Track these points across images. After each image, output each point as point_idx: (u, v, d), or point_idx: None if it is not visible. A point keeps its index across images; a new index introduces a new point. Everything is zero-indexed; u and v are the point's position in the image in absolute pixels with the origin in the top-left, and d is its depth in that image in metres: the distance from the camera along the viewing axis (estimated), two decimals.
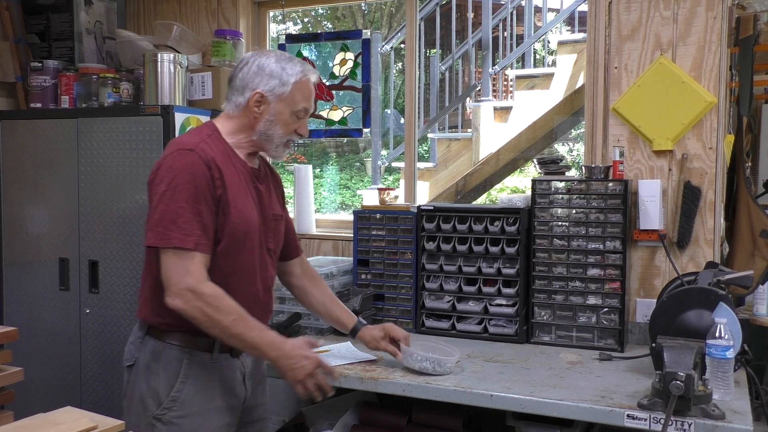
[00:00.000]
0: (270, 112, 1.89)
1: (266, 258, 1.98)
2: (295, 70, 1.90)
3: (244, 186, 1.89)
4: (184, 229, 1.74)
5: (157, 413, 1.83)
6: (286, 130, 1.92)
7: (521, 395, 1.99)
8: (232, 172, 1.86)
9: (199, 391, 1.86)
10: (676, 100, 2.59)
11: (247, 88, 1.89)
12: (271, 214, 2.00)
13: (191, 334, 1.84)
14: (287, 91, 1.89)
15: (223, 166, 1.83)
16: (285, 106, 1.90)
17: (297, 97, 1.91)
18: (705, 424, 1.77)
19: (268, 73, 1.88)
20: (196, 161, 1.78)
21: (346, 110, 3.45)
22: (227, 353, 1.90)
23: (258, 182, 1.96)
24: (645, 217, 2.58)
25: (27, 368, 2.39)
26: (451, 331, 2.69)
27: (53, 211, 3.13)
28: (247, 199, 1.89)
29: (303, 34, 5.30)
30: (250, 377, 1.99)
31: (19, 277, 3.22)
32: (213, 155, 1.82)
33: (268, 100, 1.89)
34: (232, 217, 1.83)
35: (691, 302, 2.08)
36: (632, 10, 2.68)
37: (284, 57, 1.93)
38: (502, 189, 7.61)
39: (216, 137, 1.89)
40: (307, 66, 1.95)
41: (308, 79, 1.93)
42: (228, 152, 1.88)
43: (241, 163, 1.91)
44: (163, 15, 3.62)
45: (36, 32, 3.44)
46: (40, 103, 3.22)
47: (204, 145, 1.83)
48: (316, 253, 3.34)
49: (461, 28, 6.89)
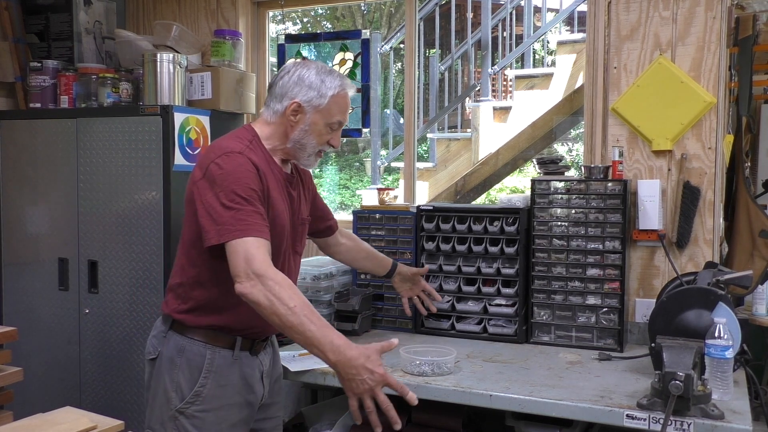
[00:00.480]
0: (305, 122, 1.94)
1: (293, 261, 2.05)
2: (334, 83, 1.95)
3: (281, 190, 1.96)
4: (246, 221, 1.76)
5: (180, 407, 1.88)
6: (319, 140, 1.97)
7: (520, 395, 1.99)
8: (272, 177, 1.92)
9: (221, 387, 1.90)
10: (676, 100, 2.59)
11: (285, 96, 1.94)
12: (300, 218, 2.07)
13: (214, 331, 1.89)
14: (324, 103, 1.94)
15: (265, 170, 1.89)
16: (321, 117, 1.95)
17: (333, 110, 1.96)
18: (704, 424, 1.77)
19: (308, 84, 1.93)
20: (246, 163, 1.83)
21: None
22: (247, 351, 1.95)
23: (291, 188, 2.02)
24: (644, 217, 2.58)
25: (26, 368, 2.40)
26: (450, 331, 2.69)
27: (53, 211, 3.13)
28: (283, 204, 1.95)
29: (302, 34, 5.30)
30: (268, 375, 2.04)
31: (18, 277, 3.21)
32: (257, 159, 1.88)
33: (305, 110, 1.93)
34: (272, 220, 1.88)
35: (690, 302, 2.08)
36: (631, 10, 2.68)
37: (325, 70, 1.97)
38: (501, 189, 7.62)
39: (257, 142, 1.94)
40: (347, 80, 2.00)
41: (346, 93, 1.98)
42: (267, 157, 1.94)
43: (278, 169, 1.97)
44: (162, 15, 3.62)
45: (35, 32, 3.44)
46: (40, 103, 3.22)
47: (248, 150, 1.88)
48: (315, 252, 3.33)
49: (461, 28, 6.89)
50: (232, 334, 1.92)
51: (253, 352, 1.97)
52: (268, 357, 2.05)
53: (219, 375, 1.90)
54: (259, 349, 2.00)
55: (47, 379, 3.14)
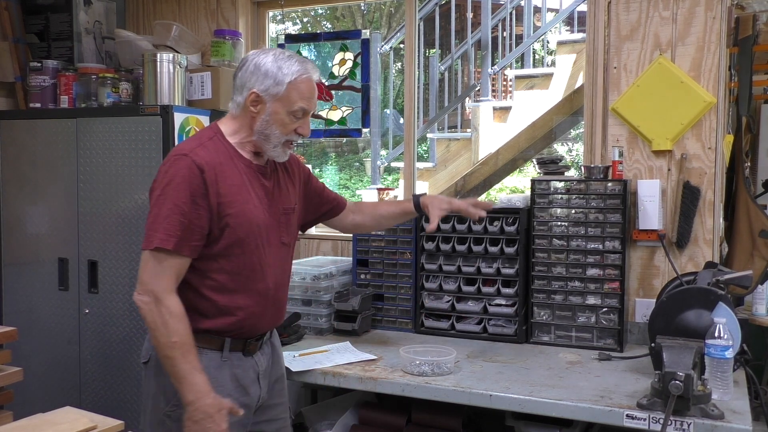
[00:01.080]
0: (266, 111, 1.88)
1: (281, 253, 1.98)
2: (292, 69, 1.87)
3: (247, 185, 1.89)
4: (166, 230, 1.75)
5: (167, 410, 1.85)
6: (283, 130, 1.90)
7: (520, 395, 1.99)
8: (234, 173, 1.87)
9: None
10: (676, 100, 2.59)
11: (244, 87, 1.89)
12: (282, 208, 1.99)
13: (201, 332, 1.84)
14: (282, 91, 1.86)
15: (222, 167, 1.84)
16: (281, 105, 1.87)
17: (293, 97, 1.88)
18: (704, 423, 1.77)
19: (264, 72, 1.86)
20: (189, 165, 1.79)
21: (346, 110, 3.45)
22: (239, 352, 1.91)
23: (265, 179, 1.95)
24: (644, 217, 2.58)
25: (26, 368, 2.39)
26: (450, 331, 2.69)
27: (52, 211, 3.12)
28: (250, 198, 1.89)
29: (302, 34, 5.30)
30: (265, 376, 1.99)
31: (18, 277, 3.21)
32: (210, 158, 1.82)
33: (264, 100, 1.87)
34: (232, 218, 1.83)
35: (690, 302, 2.08)
36: (631, 10, 2.68)
37: (283, 56, 1.89)
38: (501, 189, 7.61)
39: (218, 139, 1.90)
40: (308, 65, 1.91)
41: (306, 78, 1.89)
42: (230, 153, 1.89)
43: (245, 162, 1.91)
44: (162, 15, 3.61)
45: (35, 32, 3.44)
46: (40, 103, 3.22)
47: (201, 149, 1.83)
48: (315, 252, 3.34)
49: (460, 28, 6.89)
50: (220, 336, 1.87)
51: (246, 352, 1.93)
52: (266, 357, 2.00)
53: (207, 377, 1.82)
54: (254, 349, 1.95)
55: (47, 379, 3.14)
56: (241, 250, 1.86)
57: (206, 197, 1.80)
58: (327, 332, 2.72)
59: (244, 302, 1.88)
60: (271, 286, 1.94)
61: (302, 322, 2.71)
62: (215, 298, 1.85)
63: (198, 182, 1.79)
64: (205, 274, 1.85)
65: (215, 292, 1.85)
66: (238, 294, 1.87)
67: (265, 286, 1.92)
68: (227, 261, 1.85)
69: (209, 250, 1.84)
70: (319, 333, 2.72)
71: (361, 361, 2.33)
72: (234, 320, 1.87)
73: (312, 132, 3.50)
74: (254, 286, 1.90)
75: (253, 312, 1.90)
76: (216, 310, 1.86)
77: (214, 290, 1.85)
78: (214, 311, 1.86)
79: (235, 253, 1.85)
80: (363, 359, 2.35)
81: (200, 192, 1.79)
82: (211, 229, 1.82)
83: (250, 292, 1.88)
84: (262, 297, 1.91)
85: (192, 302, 1.84)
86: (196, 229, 1.79)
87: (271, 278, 1.93)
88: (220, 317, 1.86)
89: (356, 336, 2.68)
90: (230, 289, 1.86)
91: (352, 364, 2.29)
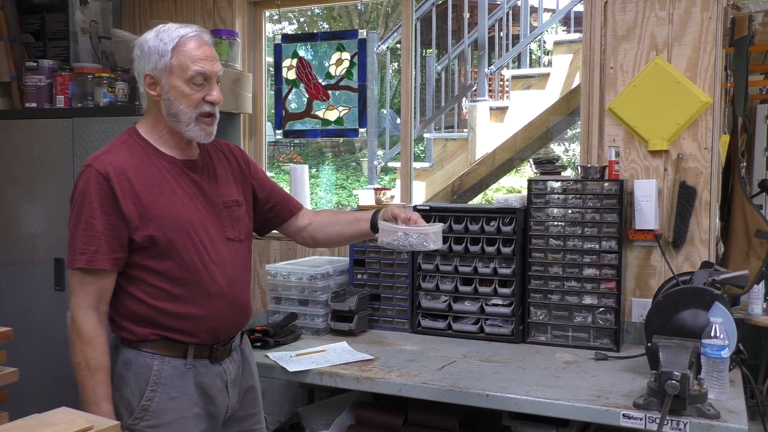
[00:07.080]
0: (164, 90, 1.75)
1: (229, 250, 1.86)
2: (171, 35, 1.74)
3: (172, 183, 1.79)
4: (80, 249, 1.71)
5: (129, 423, 1.76)
6: (189, 102, 1.75)
7: (517, 395, 2.00)
8: (153, 173, 1.77)
9: (172, 399, 1.78)
10: (672, 101, 2.60)
11: (139, 75, 1.80)
12: (221, 202, 1.87)
13: (164, 340, 1.78)
14: (168, 61, 1.73)
15: (138, 170, 1.75)
16: (175, 77, 1.74)
17: (184, 62, 1.74)
18: (700, 423, 1.78)
19: (147, 50, 1.76)
20: (92, 176, 1.71)
21: (342, 110, 3.45)
22: (206, 359, 1.82)
23: (194, 173, 1.84)
24: (640, 217, 2.59)
25: (22, 369, 2.38)
26: (447, 330, 2.69)
27: (48, 211, 3.12)
28: (177, 197, 1.78)
29: (299, 34, 5.30)
30: (234, 385, 1.89)
31: (14, 277, 3.21)
32: (119, 163, 1.73)
33: (158, 79, 1.75)
34: (157, 220, 1.74)
35: (686, 302, 2.09)
36: (628, 11, 2.68)
37: (164, 27, 1.77)
38: (498, 189, 7.61)
39: (132, 141, 1.81)
40: (189, 27, 1.78)
41: (190, 39, 1.75)
42: (148, 152, 1.79)
43: (167, 159, 1.81)
44: (158, 14, 3.61)
45: (31, 32, 3.43)
46: (35, 102, 3.21)
47: (108, 155, 1.75)
48: (312, 253, 3.34)
49: (457, 28, 6.90)
50: (183, 342, 1.78)
51: (213, 359, 1.83)
52: (235, 365, 1.89)
53: (169, 386, 1.77)
54: (222, 356, 1.85)
55: (43, 379, 3.13)
56: (176, 252, 1.76)
57: (117, 206, 1.71)
58: (324, 332, 2.72)
59: (195, 306, 1.78)
60: (224, 286, 1.82)
61: (299, 322, 2.71)
62: (163, 306, 1.76)
63: (106, 192, 1.70)
64: (146, 282, 1.76)
65: (161, 300, 1.76)
66: (186, 298, 1.77)
67: (217, 287, 1.81)
68: (164, 266, 1.75)
69: (141, 259, 1.75)
70: (316, 333, 2.72)
71: (357, 361, 2.32)
72: (189, 326, 1.78)
73: (309, 132, 3.54)
74: (203, 289, 1.79)
75: (208, 315, 1.80)
76: (168, 318, 1.77)
77: (158, 298, 1.76)
78: (165, 319, 1.77)
79: (170, 256, 1.75)
80: (360, 359, 2.34)
81: (110, 201, 1.71)
82: (134, 237, 1.73)
83: (199, 295, 1.78)
84: (215, 299, 1.80)
85: (140, 313, 1.76)
86: (113, 240, 1.71)
87: (221, 278, 1.82)
88: (175, 324, 1.77)
89: (353, 336, 2.68)
90: (175, 295, 1.77)
91: (349, 364, 2.29)
